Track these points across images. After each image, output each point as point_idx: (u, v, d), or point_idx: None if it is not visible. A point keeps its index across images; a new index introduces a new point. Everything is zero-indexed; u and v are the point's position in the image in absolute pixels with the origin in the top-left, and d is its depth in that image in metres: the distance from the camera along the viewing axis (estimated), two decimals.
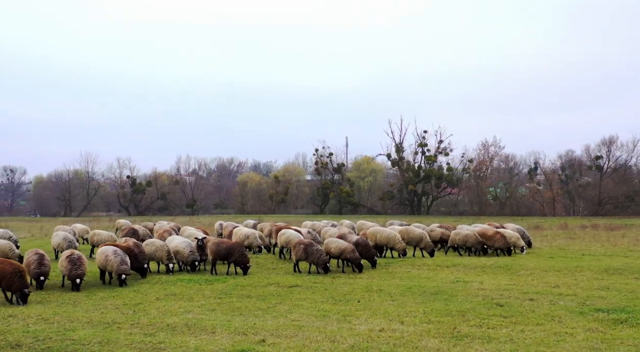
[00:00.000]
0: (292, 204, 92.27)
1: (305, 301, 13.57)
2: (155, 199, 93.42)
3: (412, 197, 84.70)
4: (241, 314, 12.24)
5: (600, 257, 22.36)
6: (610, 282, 15.82)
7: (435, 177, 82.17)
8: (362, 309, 12.55)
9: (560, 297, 13.53)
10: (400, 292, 14.54)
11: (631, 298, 13.40)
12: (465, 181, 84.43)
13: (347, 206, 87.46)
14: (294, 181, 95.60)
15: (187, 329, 10.80)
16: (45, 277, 15.67)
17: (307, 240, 19.32)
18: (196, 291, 15.26)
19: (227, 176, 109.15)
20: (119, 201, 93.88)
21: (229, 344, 9.71)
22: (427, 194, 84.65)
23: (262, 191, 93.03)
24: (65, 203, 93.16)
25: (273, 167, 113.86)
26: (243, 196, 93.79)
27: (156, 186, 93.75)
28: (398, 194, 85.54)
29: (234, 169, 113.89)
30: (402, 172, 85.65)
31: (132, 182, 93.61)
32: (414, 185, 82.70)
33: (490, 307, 12.50)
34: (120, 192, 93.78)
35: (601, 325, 10.75)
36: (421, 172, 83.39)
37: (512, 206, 78.45)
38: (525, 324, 10.89)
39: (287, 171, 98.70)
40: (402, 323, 11.11)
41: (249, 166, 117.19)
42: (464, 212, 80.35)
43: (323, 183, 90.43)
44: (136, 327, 11.03)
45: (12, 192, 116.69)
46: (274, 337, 10.10)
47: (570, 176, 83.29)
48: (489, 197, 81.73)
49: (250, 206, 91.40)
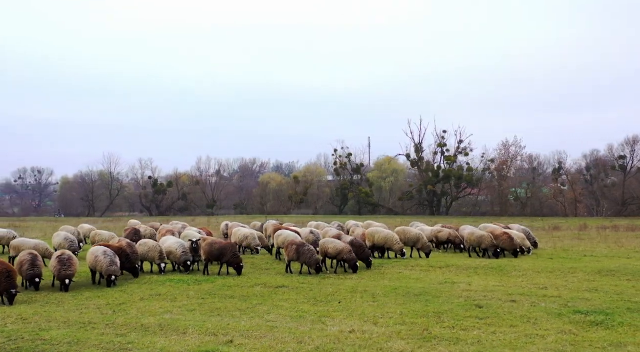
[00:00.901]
0: (311, 205, 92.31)
1: (287, 302, 13.55)
2: (176, 200, 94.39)
3: (431, 198, 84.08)
4: (219, 314, 12.27)
5: (600, 259, 22.06)
6: (600, 284, 15.63)
7: (454, 177, 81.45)
8: (340, 310, 12.51)
9: (543, 299, 13.37)
10: (384, 292, 14.47)
11: (615, 300, 13.22)
12: (486, 181, 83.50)
13: (366, 206, 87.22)
14: (315, 181, 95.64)
15: (160, 329, 10.85)
16: (39, 278, 15.65)
17: (299, 240, 19.30)
18: (182, 291, 15.32)
19: (249, 176, 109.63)
20: (141, 201, 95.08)
21: (196, 344, 9.74)
22: (446, 194, 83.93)
23: (282, 191, 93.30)
24: (89, 203, 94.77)
25: (295, 168, 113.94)
26: (262, 197, 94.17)
27: (177, 186, 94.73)
28: (417, 194, 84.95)
29: (256, 170, 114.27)
30: (421, 172, 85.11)
31: (153, 183, 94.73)
32: (433, 185, 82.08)
33: (468, 308, 12.40)
34: (142, 192, 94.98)
35: (575, 327, 10.63)
36: (440, 172, 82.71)
37: (534, 206, 77.35)
38: (498, 326, 10.78)
39: (308, 172, 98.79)
40: (375, 324, 11.07)
41: (271, 167, 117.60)
42: (485, 212, 79.37)
43: (342, 183, 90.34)
44: (110, 327, 11.10)
45: (40, 192, 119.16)
46: (243, 338, 10.10)
47: (595, 175, 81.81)
48: (511, 197, 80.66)
49: (270, 206, 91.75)
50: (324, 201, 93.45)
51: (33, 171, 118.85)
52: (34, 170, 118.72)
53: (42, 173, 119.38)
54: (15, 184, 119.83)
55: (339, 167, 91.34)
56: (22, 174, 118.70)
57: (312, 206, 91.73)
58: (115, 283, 16.38)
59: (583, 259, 21.83)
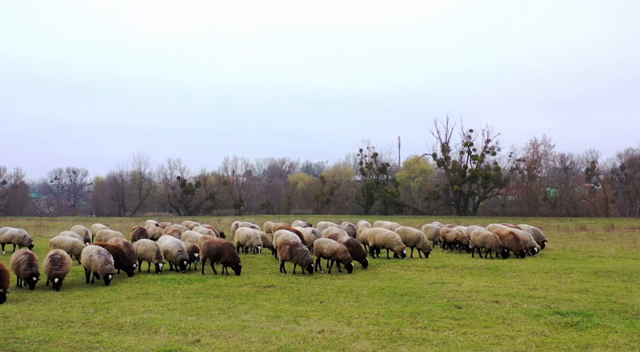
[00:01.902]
0: (338, 205, 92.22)
1: (269, 302, 13.53)
2: (204, 200, 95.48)
3: (458, 198, 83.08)
4: (198, 314, 12.28)
5: (605, 259, 21.67)
6: (592, 285, 15.35)
7: (481, 177, 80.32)
8: (319, 310, 12.45)
9: (527, 300, 13.18)
10: (370, 293, 14.38)
11: (602, 301, 12.97)
12: (517, 180, 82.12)
13: (392, 206, 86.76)
14: (344, 181, 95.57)
15: (133, 328, 10.90)
16: (37, 277, 15.77)
17: (293, 240, 19.26)
18: (170, 290, 15.38)
19: (278, 176, 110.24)
20: (170, 201, 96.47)
21: (163, 343, 9.77)
22: (473, 194, 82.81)
23: (310, 191, 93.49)
24: (119, 203, 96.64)
25: (324, 168, 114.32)
26: (289, 197, 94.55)
27: (205, 186, 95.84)
28: (444, 194, 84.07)
29: (285, 170, 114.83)
30: (448, 172, 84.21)
31: (182, 183, 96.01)
32: (460, 185, 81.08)
33: (447, 309, 12.27)
34: (171, 192, 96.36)
35: (549, 328, 10.45)
36: (467, 172, 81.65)
37: (564, 206, 75.73)
38: (472, 327, 10.64)
39: (336, 172, 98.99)
40: (348, 324, 11.00)
41: (300, 167, 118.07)
42: (515, 213, 78.00)
43: (368, 183, 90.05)
44: (86, 326, 11.18)
45: (75, 192, 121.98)
46: (211, 338, 10.10)
47: (631, 175, 79.61)
48: (541, 197, 79.12)
49: (297, 207, 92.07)
50: (351, 201, 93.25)
51: (68, 172, 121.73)
52: (69, 171, 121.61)
53: (77, 174, 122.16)
54: (52, 185, 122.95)
55: (364, 167, 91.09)
56: (58, 175, 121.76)
57: (338, 206, 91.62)
58: (108, 282, 16.49)
59: (587, 260, 21.45)
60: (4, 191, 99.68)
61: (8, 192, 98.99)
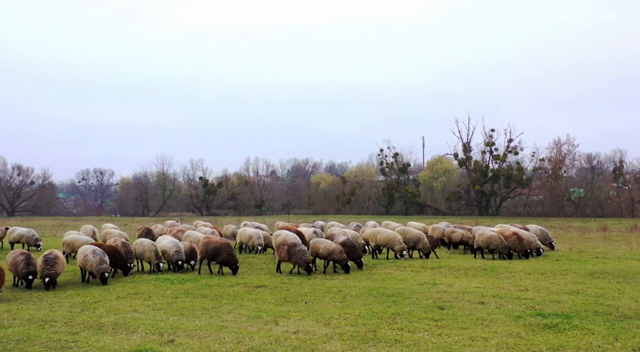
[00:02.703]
0: (359, 205, 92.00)
1: (255, 302, 13.54)
2: (226, 200, 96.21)
3: (479, 198, 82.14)
4: (181, 314, 12.33)
5: (609, 261, 21.32)
6: (585, 286, 15.15)
7: (503, 177, 79.28)
8: (302, 310, 12.44)
9: (513, 301, 13.06)
10: (358, 294, 14.33)
11: (589, 303, 12.80)
12: (542, 180, 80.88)
13: (412, 206, 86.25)
14: (367, 181, 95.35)
15: (113, 328, 10.97)
16: (33, 276, 15.88)
17: (291, 241, 19.27)
18: (161, 290, 15.46)
19: (301, 176, 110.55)
20: (192, 201, 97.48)
21: (136, 343, 9.83)
22: (495, 195, 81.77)
23: (332, 191, 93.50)
24: (143, 204, 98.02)
25: (347, 168, 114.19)
26: (310, 197, 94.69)
27: (227, 186, 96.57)
28: (465, 194, 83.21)
29: (308, 170, 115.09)
30: (469, 172, 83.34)
31: (204, 183, 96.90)
32: (481, 185, 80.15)
33: (429, 310, 12.19)
34: (193, 192, 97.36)
35: (526, 330, 10.32)
36: (488, 172, 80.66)
37: (589, 206, 74.30)
38: (449, 328, 10.56)
39: (359, 172, 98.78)
40: (327, 325, 10.97)
41: (323, 167, 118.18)
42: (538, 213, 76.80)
43: (388, 184, 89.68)
44: (68, 325, 11.28)
45: (102, 192, 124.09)
46: (186, 338, 10.14)
47: None
48: (565, 197, 77.76)
49: (318, 207, 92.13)
50: (372, 202, 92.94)
51: (95, 172, 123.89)
52: (96, 172, 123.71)
53: (104, 174, 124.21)
54: (80, 185, 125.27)
55: (385, 167, 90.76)
56: (85, 176, 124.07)
57: (359, 207, 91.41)
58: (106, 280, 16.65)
59: (590, 261, 21.16)
60: (32, 191, 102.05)
61: (35, 192, 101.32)
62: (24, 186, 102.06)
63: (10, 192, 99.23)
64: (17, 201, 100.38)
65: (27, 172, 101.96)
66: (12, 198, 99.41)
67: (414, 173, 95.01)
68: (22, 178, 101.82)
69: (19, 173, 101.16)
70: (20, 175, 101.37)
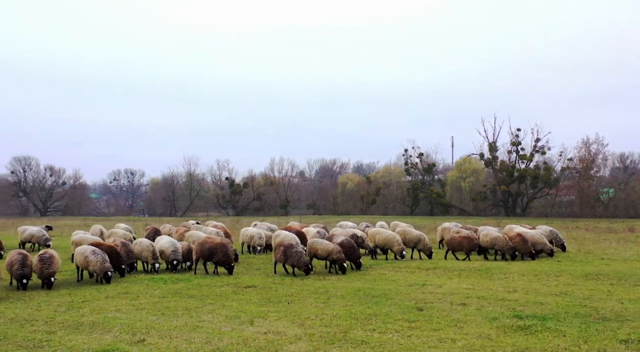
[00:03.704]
0: (383, 206, 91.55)
1: (239, 302, 13.59)
2: (252, 200, 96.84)
3: (506, 198, 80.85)
4: (163, 314, 12.41)
5: (612, 262, 20.95)
6: (576, 288, 14.95)
7: (530, 177, 77.87)
8: (282, 311, 12.44)
9: (497, 302, 12.94)
10: (344, 294, 14.31)
11: (573, 304, 12.62)
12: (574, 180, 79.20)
13: (437, 207, 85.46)
14: (394, 182, 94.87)
15: (90, 327, 11.09)
16: (27, 279, 15.88)
17: (288, 242, 19.27)
18: (152, 289, 15.60)
19: (329, 177, 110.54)
20: (218, 201, 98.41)
21: (106, 343, 9.91)
22: (521, 195, 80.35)
23: (358, 192, 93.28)
24: (170, 204, 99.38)
25: (375, 168, 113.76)
26: (335, 197, 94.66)
27: (252, 187, 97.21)
28: (491, 194, 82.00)
29: (336, 171, 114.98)
30: (496, 172, 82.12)
31: (230, 184, 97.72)
32: (507, 185, 78.86)
33: (408, 311, 12.13)
34: (219, 193, 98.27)
35: (497, 332, 10.21)
36: (515, 172, 79.31)
37: (620, 207, 72.44)
38: (421, 330, 10.49)
39: (386, 172, 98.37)
40: (301, 326, 10.97)
41: (351, 168, 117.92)
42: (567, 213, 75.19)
43: (413, 184, 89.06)
44: (48, 324, 11.42)
45: (132, 193, 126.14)
46: (158, 338, 10.21)
47: None
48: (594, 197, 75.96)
49: (343, 207, 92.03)
50: (396, 202, 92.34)
51: (126, 173, 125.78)
52: (127, 172, 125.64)
53: (135, 175, 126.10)
54: (111, 186, 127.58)
55: (410, 168, 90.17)
56: (116, 176, 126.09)
57: (384, 207, 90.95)
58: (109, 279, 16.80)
59: (592, 262, 20.84)
60: (64, 191, 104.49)
61: (67, 192, 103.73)
62: (56, 187, 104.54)
63: (43, 192, 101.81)
64: (50, 201, 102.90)
65: (59, 173, 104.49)
66: (44, 198, 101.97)
67: (441, 173, 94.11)
68: (54, 179, 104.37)
69: (51, 174, 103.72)
70: (53, 176, 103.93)
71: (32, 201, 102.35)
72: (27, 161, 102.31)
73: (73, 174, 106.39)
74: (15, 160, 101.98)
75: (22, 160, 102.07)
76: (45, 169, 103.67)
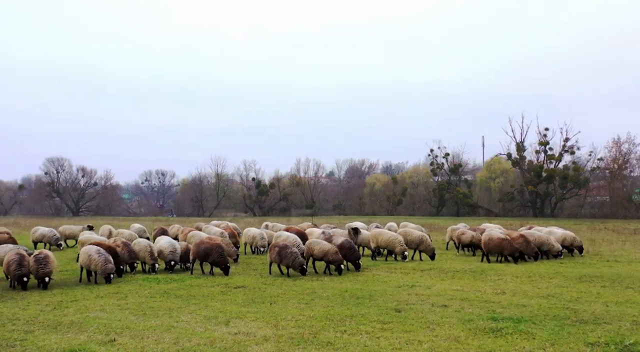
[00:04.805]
0: (409, 206, 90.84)
1: (222, 303, 13.63)
2: (278, 200, 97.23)
3: (534, 199, 79.32)
4: (145, 314, 12.48)
5: (616, 264, 20.61)
6: (565, 290, 14.73)
7: (558, 178, 76.19)
8: (260, 311, 12.45)
9: (480, 304, 12.82)
10: (329, 295, 14.27)
11: (556, 307, 12.44)
12: (600, 181, 77.23)
13: (464, 207, 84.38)
14: (422, 182, 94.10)
15: (67, 327, 11.20)
16: (27, 277, 16.05)
17: (282, 243, 19.28)
18: (143, 289, 15.72)
19: (357, 177, 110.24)
20: (245, 202, 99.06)
21: (76, 343, 10.00)
22: (550, 195, 78.67)
23: (385, 192, 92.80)
24: (198, 204, 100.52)
25: (404, 169, 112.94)
26: (361, 198, 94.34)
27: (278, 187, 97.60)
28: (519, 195, 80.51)
29: (364, 171, 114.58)
30: (523, 173, 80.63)
31: (257, 184, 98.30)
32: (535, 186, 77.33)
33: (385, 312, 12.05)
34: (246, 193, 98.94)
35: (467, 334, 10.11)
36: (543, 172, 77.70)
37: None
38: (392, 331, 10.42)
39: (414, 173, 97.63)
40: (274, 326, 10.97)
41: (380, 168, 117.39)
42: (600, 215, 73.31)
43: (439, 184, 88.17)
44: (29, 324, 11.56)
45: (163, 193, 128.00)
46: (129, 338, 10.27)
47: None
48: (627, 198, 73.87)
49: (369, 208, 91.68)
50: (422, 202, 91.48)
51: (157, 174, 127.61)
52: (158, 173, 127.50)
53: (166, 175, 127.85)
54: (143, 186, 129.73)
55: (436, 168, 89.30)
56: (148, 177, 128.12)
57: (410, 208, 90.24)
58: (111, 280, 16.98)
59: (596, 264, 20.52)
60: (95, 192, 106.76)
61: (98, 193, 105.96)
62: (88, 187, 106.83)
63: (75, 193, 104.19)
64: (82, 202, 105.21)
65: (90, 173, 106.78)
66: (77, 198, 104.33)
67: (470, 173, 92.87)
68: (86, 180, 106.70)
69: (83, 175, 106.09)
70: (85, 176, 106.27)
71: (64, 201, 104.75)
72: (60, 162, 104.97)
73: (104, 175, 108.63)
74: (48, 161, 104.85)
75: (55, 161, 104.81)
76: (77, 170, 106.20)
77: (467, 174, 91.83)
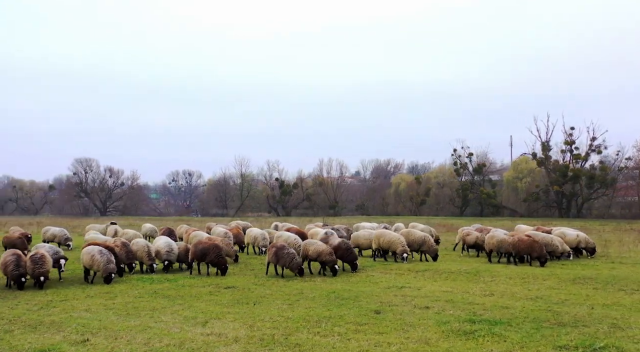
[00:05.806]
0: (432, 206, 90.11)
1: (207, 303, 13.62)
2: (301, 200, 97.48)
3: (559, 199, 77.79)
4: (128, 314, 12.49)
5: (619, 266, 20.34)
6: (555, 292, 14.50)
7: (585, 178, 74.56)
8: (240, 312, 12.42)
9: (463, 306, 12.67)
10: (316, 296, 14.20)
11: (538, 309, 12.24)
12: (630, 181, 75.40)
13: (488, 207, 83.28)
14: (447, 182, 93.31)
15: (47, 327, 11.24)
16: (24, 277, 16.08)
17: (280, 243, 19.22)
18: (133, 289, 15.76)
19: (382, 177, 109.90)
20: (268, 202, 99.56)
21: (50, 342, 10.04)
22: (575, 195, 77.06)
23: (409, 192, 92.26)
24: (222, 204, 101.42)
25: (429, 169, 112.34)
26: (384, 198, 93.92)
27: (301, 187, 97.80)
28: (544, 195, 79.05)
29: (390, 171, 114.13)
30: (549, 172, 79.17)
31: (280, 184, 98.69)
32: (560, 186, 75.83)
33: (364, 314, 11.94)
34: (270, 193, 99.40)
35: (439, 336, 9.94)
36: (568, 172, 76.14)
37: None
38: (365, 333, 10.31)
39: (440, 173, 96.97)
40: (250, 327, 10.92)
41: (405, 168, 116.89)
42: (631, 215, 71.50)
43: (463, 184, 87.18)
44: (11, 323, 11.63)
45: (190, 193, 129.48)
46: (102, 338, 10.28)
47: None
48: None
49: (392, 208, 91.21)
50: (446, 203, 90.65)
51: (184, 174, 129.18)
52: (185, 173, 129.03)
53: (192, 176, 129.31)
54: (170, 187, 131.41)
55: (459, 168, 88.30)
56: (175, 177, 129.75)
57: (433, 208, 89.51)
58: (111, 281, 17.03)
59: (597, 266, 20.25)
60: (122, 192, 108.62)
61: (125, 193, 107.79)
62: (115, 187, 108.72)
63: (103, 193, 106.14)
64: (109, 201, 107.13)
65: (117, 174, 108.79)
66: (104, 198, 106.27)
67: (497, 173, 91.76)
68: (114, 180, 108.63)
69: (111, 175, 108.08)
70: (112, 177, 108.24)
71: (92, 201, 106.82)
72: (88, 163, 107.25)
73: (131, 175, 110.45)
74: (77, 161, 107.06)
75: (84, 161, 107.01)
76: (105, 170, 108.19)
77: (494, 173, 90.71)
